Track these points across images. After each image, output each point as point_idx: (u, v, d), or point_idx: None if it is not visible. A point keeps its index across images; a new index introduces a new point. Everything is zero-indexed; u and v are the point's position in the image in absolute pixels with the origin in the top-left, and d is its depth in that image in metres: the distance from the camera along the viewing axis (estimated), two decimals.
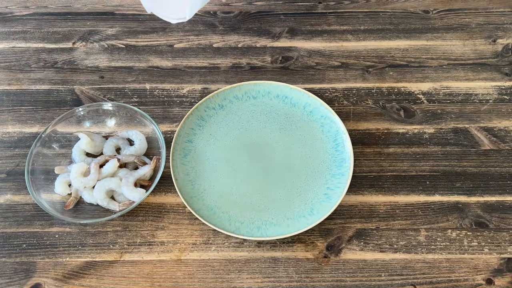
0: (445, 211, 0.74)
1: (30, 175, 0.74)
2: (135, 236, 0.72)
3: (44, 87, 0.88)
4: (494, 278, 0.68)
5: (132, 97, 0.86)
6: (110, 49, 0.93)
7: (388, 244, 0.71)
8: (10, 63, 0.91)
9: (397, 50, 0.91)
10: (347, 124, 0.81)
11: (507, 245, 0.70)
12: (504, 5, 0.97)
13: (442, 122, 0.82)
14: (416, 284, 0.68)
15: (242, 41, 0.93)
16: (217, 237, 0.72)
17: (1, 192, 0.76)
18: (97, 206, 0.74)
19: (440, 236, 0.71)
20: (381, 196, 0.75)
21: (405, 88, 0.86)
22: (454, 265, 0.69)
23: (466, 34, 0.93)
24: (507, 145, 0.80)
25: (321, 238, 0.71)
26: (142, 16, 0.97)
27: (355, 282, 0.68)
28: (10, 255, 0.71)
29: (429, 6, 0.98)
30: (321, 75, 0.88)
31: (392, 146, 0.80)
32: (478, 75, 0.88)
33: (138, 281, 0.69)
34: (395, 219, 0.73)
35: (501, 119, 0.82)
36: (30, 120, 0.84)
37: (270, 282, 0.68)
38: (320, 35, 0.94)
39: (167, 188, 0.76)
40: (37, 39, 0.94)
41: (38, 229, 0.73)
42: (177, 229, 0.73)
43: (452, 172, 0.77)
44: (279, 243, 0.71)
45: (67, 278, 0.69)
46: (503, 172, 0.77)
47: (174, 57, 0.91)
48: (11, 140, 0.81)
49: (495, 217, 0.73)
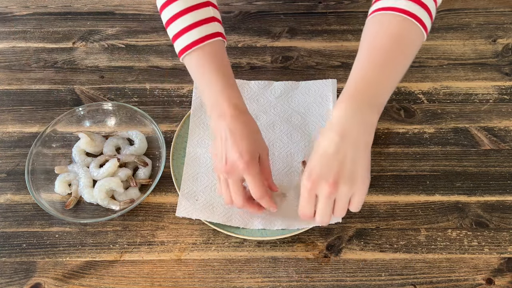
0: (445, 211, 0.74)
1: (30, 175, 0.74)
2: (135, 236, 0.72)
3: (44, 87, 0.88)
4: (494, 278, 0.68)
5: (132, 97, 0.86)
6: (110, 49, 0.93)
7: (388, 244, 0.71)
8: (10, 63, 0.91)
9: None
10: None
11: (507, 245, 0.70)
12: (504, 5, 0.97)
13: (442, 122, 0.82)
14: (416, 284, 0.68)
15: (242, 41, 0.93)
16: (217, 237, 0.72)
17: (1, 192, 0.76)
18: (97, 205, 0.74)
19: (440, 236, 0.71)
20: (381, 196, 0.75)
21: (405, 88, 0.86)
22: (454, 265, 0.69)
23: (466, 34, 0.93)
24: (507, 145, 0.80)
25: (321, 238, 0.71)
26: (142, 16, 0.97)
27: (355, 282, 0.68)
28: (10, 255, 0.71)
29: None
30: (321, 75, 0.88)
31: (392, 146, 0.80)
32: (478, 75, 0.88)
33: (138, 280, 0.68)
34: (395, 219, 0.73)
35: (501, 119, 0.82)
36: (30, 120, 0.84)
37: (270, 282, 0.68)
38: (320, 35, 0.94)
39: (167, 188, 0.76)
40: (37, 39, 0.94)
41: (38, 229, 0.73)
42: (177, 229, 0.73)
43: (452, 172, 0.77)
44: (279, 243, 0.71)
45: (67, 278, 0.69)
46: (503, 172, 0.77)
47: (174, 57, 0.91)
48: (11, 140, 0.81)
49: (495, 217, 0.73)
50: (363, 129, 0.59)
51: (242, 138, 0.64)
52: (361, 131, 0.59)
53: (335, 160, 0.58)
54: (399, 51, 0.62)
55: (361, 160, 0.59)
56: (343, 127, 0.59)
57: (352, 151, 0.58)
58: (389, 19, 0.62)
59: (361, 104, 0.60)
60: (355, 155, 0.58)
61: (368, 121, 0.60)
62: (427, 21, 0.63)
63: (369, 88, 0.60)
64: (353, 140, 0.58)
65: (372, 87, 0.61)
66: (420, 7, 0.62)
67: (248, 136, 0.65)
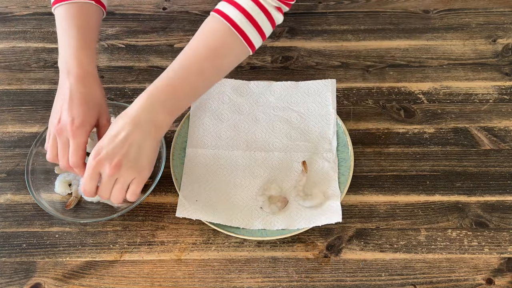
0: (445, 211, 0.74)
1: (30, 175, 0.74)
2: (135, 236, 0.72)
3: (44, 87, 0.88)
4: (494, 278, 0.68)
5: (132, 97, 0.86)
6: (110, 49, 0.93)
7: (388, 244, 0.71)
8: (10, 63, 0.91)
9: (397, 50, 0.91)
10: (347, 124, 0.81)
11: (507, 245, 0.70)
12: (504, 5, 0.97)
13: (442, 122, 0.82)
14: (416, 284, 0.68)
15: None
16: (217, 237, 0.72)
17: (1, 192, 0.76)
18: (97, 205, 0.74)
19: (440, 236, 0.71)
20: (381, 196, 0.75)
21: (405, 88, 0.86)
22: (454, 265, 0.69)
23: (466, 34, 0.93)
24: (507, 145, 0.80)
25: (321, 238, 0.71)
26: (142, 16, 0.97)
27: (355, 282, 0.68)
28: (10, 255, 0.71)
29: (429, 6, 0.98)
30: (321, 75, 0.88)
31: (392, 146, 0.80)
32: (478, 75, 0.88)
33: (138, 281, 0.68)
34: (395, 219, 0.73)
35: (501, 119, 0.82)
36: (30, 120, 0.84)
37: (270, 282, 0.68)
38: (320, 35, 0.94)
39: (167, 188, 0.76)
40: (37, 39, 0.94)
41: (38, 229, 0.73)
42: (177, 229, 0.73)
43: (452, 172, 0.77)
44: (279, 243, 0.71)
45: (67, 278, 0.69)
46: (503, 172, 0.77)
47: (174, 57, 0.90)
48: (11, 140, 0.81)
49: (495, 217, 0.73)
50: (154, 125, 0.65)
51: (79, 105, 0.67)
52: (152, 125, 0.65)
53: (123, 145, 0.63)
54: (211, 65, 0.68)
55: (147, 151, 0.65)
56: (138, 118, 0.64)
57: (140, 141, 0.64)
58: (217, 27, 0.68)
59: (157, 102, 0.65)
60: (142, 144, 0.64)
61: (159, 119, 0.65)
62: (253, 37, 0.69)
63: (169, 90, 0.66)
64: (143, 131, 0.64)
65: (172, 91, 0.66)
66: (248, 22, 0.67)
67: (86, 103, 0.67)
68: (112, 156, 0.63)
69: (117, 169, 0.63)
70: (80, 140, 0.66)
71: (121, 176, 0.64)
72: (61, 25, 0.71)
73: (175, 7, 0.98)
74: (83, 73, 0.68)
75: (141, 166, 0.65)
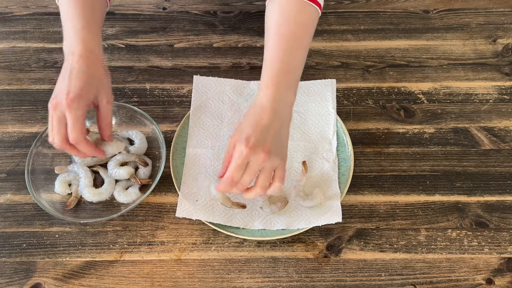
0: (445, 211, 0.74)
1: (30, 175, 0.74)
2: (135, 236, 0.72)
3: (44, 87, 0.88)
4: (494, 278, 0.68)
5: (132, 97, 0.86)
6: (110, 49, 0.93)
7: (388, 244, 0.71)
8: (10, 63, 0.91)
9: (397, 50, 0.91)
10: (347, 124, 0.81)
11: (507, 245, 0.70)
12: (504, 5, 0.97)
13: (442, 122, 0.82)
14: (416, 284, 0.68)
15: (242, 41, 0.93)
16: (217, 237, 0.72)
17: (1, 192, 0.76)
18: (97, 205, 0.74)
19: (440, 236, 0.71)
20: (381, 196, 0.75)
21: (405, 88, 0.86)
22: (454, 265, 0.69)
23: (466, 34, 0.93)
24: (507, 145, 0.80)
25: (321, 238, 0.71)
26: (142, 16, 0.97)
27: (355, 282, 0.68)
28: (10, 255, 0.71)
29: (429, 6, 0.98)
30: (321, 75, 0.88)
31: (392, 146, 0.80)
32: (478, 75, 0.88)
33: (138, 280, 0.68)
34: (395, 219, 0.73)
35: (501, 119, 0.82)
36: (30, 120, 0.84)
37: (270, 282, 0.68)
38: (320, 35, 0.94)
39: (167, 188, 0.76)
40: (37, 39, 0.94)
41: (38, 229, 0.73)
42: (177, 229, 0.73)
43: (452, 172, 0.77)
44: (279, 243, 0.71)
45: (67, 278, 0.69)
46: (503, 172, 0.77)
47: (174, 57, 0.91)
48: (11, 140, 0.81)
49: (495, 217, 0.73)
50: (288, 110, 0.66)
51: (77, 78, 0.64)
52: (287, 111, 0.66)
53: (268, 132, 0.62)
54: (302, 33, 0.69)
55: (285, 136, 0.66)
56: (276, 107, 0.64)
57: (279, 129, 0.64)
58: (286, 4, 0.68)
59: (284, 88, 0.65)
60: (282, 132, 0.65)
61: (290, 102, 0.66)
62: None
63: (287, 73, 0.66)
64: (283, 118, 0.65)
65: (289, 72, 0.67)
66: None
67: (86, 78, 0.65)
68: (263, 143, 0.61)
69: (269, 156, 0.61)
70: (77, 113, 0.63)
71: (269, 163, 0.62)
72: (66, 10, 0.69)
73: (175, 7, 0.98)
74: (86, 52, 0.66)
75: (284, 153, 0.65)
